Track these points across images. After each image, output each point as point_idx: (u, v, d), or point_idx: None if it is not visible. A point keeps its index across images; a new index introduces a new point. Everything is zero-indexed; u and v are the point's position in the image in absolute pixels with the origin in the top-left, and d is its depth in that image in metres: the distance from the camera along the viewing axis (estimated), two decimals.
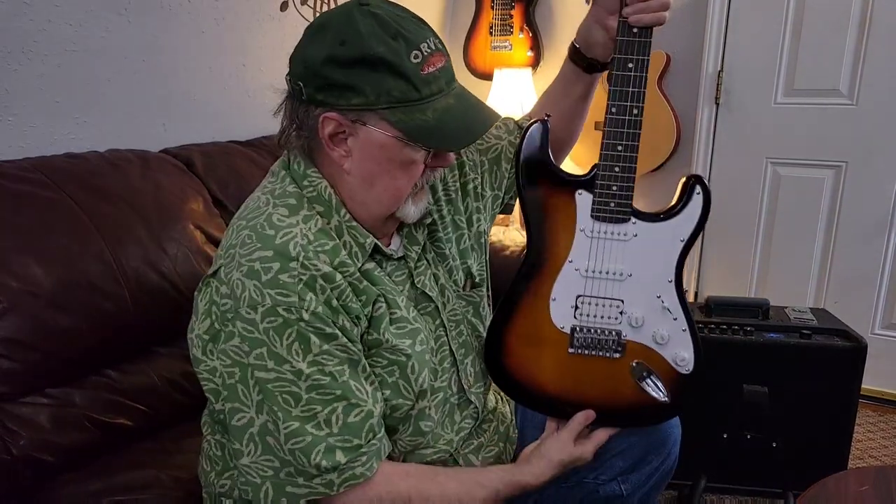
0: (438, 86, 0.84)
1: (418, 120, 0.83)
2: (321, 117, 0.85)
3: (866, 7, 2.22)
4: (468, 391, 1.03)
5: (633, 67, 0.92)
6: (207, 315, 0.87)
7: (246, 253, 0.84)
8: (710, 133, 2.52)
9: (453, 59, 0.89)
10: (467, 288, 1.07)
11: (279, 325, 0.81)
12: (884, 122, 2.25)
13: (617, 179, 0.95)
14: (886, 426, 2.23)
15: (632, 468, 1.07)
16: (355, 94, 0.82)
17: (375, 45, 0.80)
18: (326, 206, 0.89)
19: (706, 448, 1.64)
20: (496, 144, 1.12)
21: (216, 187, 1.61)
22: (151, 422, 1.32)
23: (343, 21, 0.82)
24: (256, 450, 0.85)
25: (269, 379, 0.82)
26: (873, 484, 1.09)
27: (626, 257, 0.97)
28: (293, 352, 0.81)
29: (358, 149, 0.86)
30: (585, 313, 0.99)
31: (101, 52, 1.61)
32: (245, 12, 1.97)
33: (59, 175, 1.32)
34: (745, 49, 2.41)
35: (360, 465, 0.85)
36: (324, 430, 0.83)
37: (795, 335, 1.62)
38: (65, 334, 1.19)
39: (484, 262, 1.11)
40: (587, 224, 0.97)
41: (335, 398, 0.83)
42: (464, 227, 1.07)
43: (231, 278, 0.84)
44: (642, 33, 0.92)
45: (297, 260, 0.82)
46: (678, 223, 0.96)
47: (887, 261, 2.32)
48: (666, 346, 0.98)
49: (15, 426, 1.13)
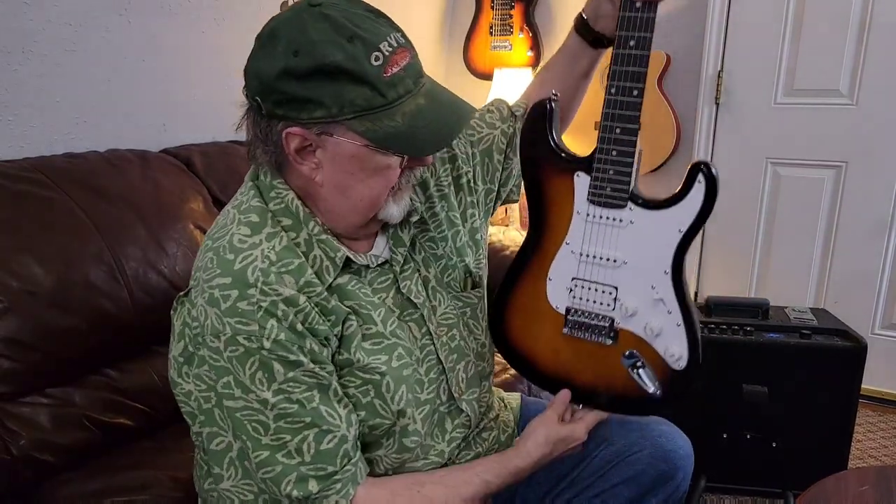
0: (405, 87, 0.78)
1: (387, 127, 0.78)
2: (284, 133, 0.80)
3: (866, 7, 2.22)
4: (458, 399, 0.97)
5: (635, 45, 0.87)
6: (182, 337, 0.85)
7: (208, 279, 0.80)
8: (710, 133, 2.52)
9: (453, 60, 0.88)
10: (467, 289, 1.02)
11: (241, 355, 0.78)
12: (884, 122, 2.25)
13: (614, 164, 0.90)
14: (886, 426, 2.23)
15: (637, 499, 1.03)
16: (317, 107, 0.77)
17: (331, 52, 0.74)
18: (294, 220, 0.85)
19: (706, 448, 1.63)
20: (488, 135, 1.06)
21: (216, 187, 1.61)
22: (151, 421, 1.32)
23: (294, 28, 0.77)
24: (237, 473, 0.85)
25: (237, 408, 0.80)
26: (873, 484, 1.09)
27: (620, 244, 0.93)
28: (257, 381, 0.78)
29: (328, 160, 0.82)
30: (579, 296, 0.97)
31: (101, 52, 1.61)
32: (245, 12, 1.97)
33: (59, 175, 1.32)
34: (745, 49, 2.41)
35: (334, 493, 0.82)
36: (295, 459, 0.80)
37: (795, 335, 1.62)
38: (65, 334, 1.20)
39: (482, 259, 1.06)
40: (584, 207, 0.94)
41: (305, 426, 0.80)
42: (459, 224, 1.02)
43: (197, 303, 0.81)
44: (646, 8, 0.87)
45: (255, 286, 0.78)
46: (677, 212, 0.89)
47: (887, 261, 2.32)
48: (658, 338, 0.94)
49: (15, 426, 1.14)
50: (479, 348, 1.03)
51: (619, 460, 1.04)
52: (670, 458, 1.03)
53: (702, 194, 0.87)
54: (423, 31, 2.87)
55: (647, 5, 0.86)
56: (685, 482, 1.05)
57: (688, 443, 1.07)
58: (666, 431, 1.06)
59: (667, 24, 2.52)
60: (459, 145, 1.03)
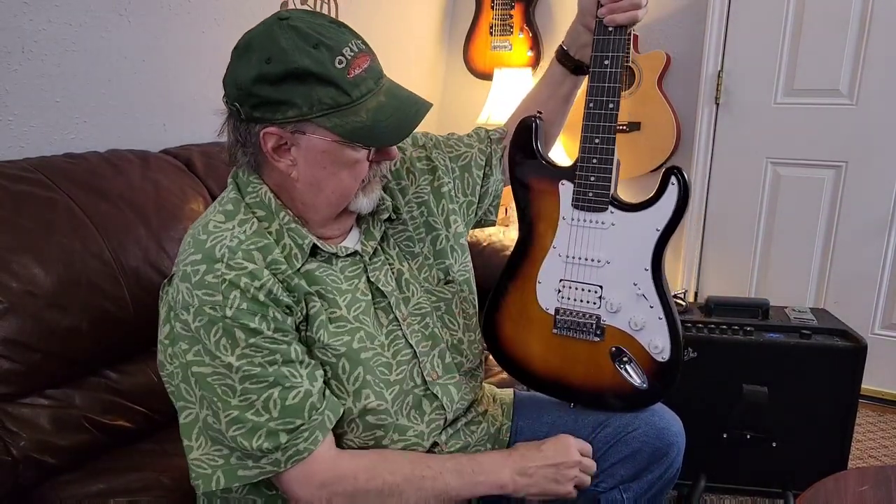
0: (367, 86, 0.88)
1: (353, 122, 0.87)
2: (262, 133, 0.89)
3: (866, 7, 2.22)
4: (431, 383, 1.03)
5: (609, 64, 0.98)
6: (167, 321, 0.91)
7: (183, 259, 0.89)
8: (710, 133, 2.52)
9: (453, 60, 0.91)
10: (440, 284, 1.09)
11: (206, 323, 0.85)
12: (884, 122, 2.25)
13: (594, 171, 1.00)
14: (886, 426, 2.24)
15: (634, 476, 1.07)
16: (289, 107, 0.86)
17: (299, 58, 0.84)
18: (267, 211, 0.93)
19: (706, 448, 1.64)
20: (466, 152, 1.16)
21: (216, 187, 1.60)
22: (151, 423, 1.33)
23: (266, 39, 0.86)
24: (206, 443, 0.90)
25: (206, 373, 0.87)
26: (873, 484, 1.09)
27: (603, 245, 1.02)
28: (221, 347, 0.85)
29: (302, 157, 0.91)
30: (567, 297, 1.05)
31: (101, 52, 1.61)
32: (245, 12, 1.97)
33: (59, 175, 1.32)
34: (745, 49, 2.41)
35: (302, 441, 0.88)
36: (263, 416, 0.87)
37: (795, 335, 1.62)
38: (65, 334, 1.19)
39: (467, 262, 1.14)
40: (568, 212, 1.04)
41: (268, 384, 0.87)
42: (440, 228, 1.10)
43: (173, 283, 0.90)
44: (617, 31, 0.98)
45: (221, 261, 0.86)
46: (653, 213, 0.99)
47: (887, 261, 2.32)
48: (641, 332, 1.01)
49: (15, 427, 1.14)
50: (454, 341, 1.09)
51: (615, 440, 1.08)
52: (663, 436, 1.07)
53: (675, 196, 0.97)
54: (423, 31, 2.87)
55: (617, 29, 0.98)
56: (678, 458, 1.10)
57: (678, 421, 1.11)
58: (657, 410, 1.11)
59: (667, 24, 2.52)
60: (441, 159, 1.13)
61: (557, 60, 1.14)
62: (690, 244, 2.62)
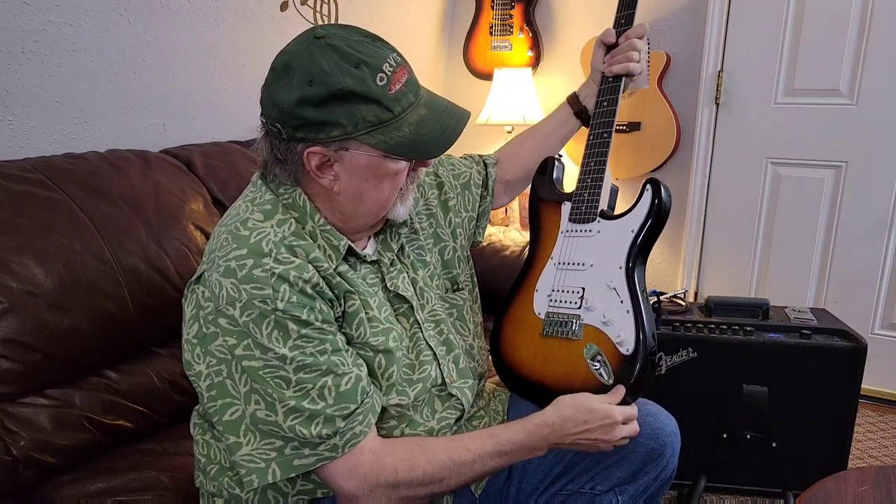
0: (408, 100, 0.90)
1: (396, 137, 0.88)
2: (305, 153, 0.90)
3: (866, 7, 2.22)
4: (449, 385, 1.05)
5: (606, 104, 1.19)
6: (195, 319, 0.91)
7: (223, 255, 0.89)
8: (710, 133, 2.52)
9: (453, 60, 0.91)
10: (449, 292, 1.14)
11: (257, 317, 0.86)
12: (884, 122, 2.25)
13: (588, 188, 1.15)
14: (886, 426, 2.24)
15: (629, 478, 1.08)
16: (333, 128, 0.87)
17: (342, 79, 0.85)
18: (301, 213, 0.95)
19: (706, 448, 1.64)
20: (466, 172, 1.23)
21: (216, 187, 1.61)
22: (151, 423, 1.33)
23: (305, 60, 0.86)
24: (256, 437, 0.90)
25: (258, 367, 0.87)
26: (873, 484, 1.09)
27: (589, 250, 1.12)
28: (273, 339, 0.86)
29: (345, 172, 0.92)
30: (556, 300, 1.12)
31: (101, 52, 1.61)
32: (245, 12, 1.97)
33: (59, 175, 1.32)
34: (745, 49, 2.41)
35: (357, 424, 0.90)
36: (320, 404, 0.88)
37: (795, 335, 1.62)
38: (65, 334, 1.20)
39: (471, 272, 1.20)
40: (566, 226, 1.16)
41: (322, 373, 0.88)
42: (448, 240, 1.15)
43: (211, 280, 0.89)
44: (615, 80, 1.19)
45: (269, 256, 0.87)
46: (630, 218, 1.10)
47: (887, 261, 2.32)
48: (610, 326, 1.05)
49: (15, 427, 1.14)
50: (467, 347, 1.12)
51: None
52: (658, 436, 1.08)
53: (648, 201, 1.09)
54: (423, 31, 2.87)
55: (615, 78, 1.19)
56: (674, 459, 1.10)
57: (673, 421, 1.12)
58: (652, 411, 1.11)
59: (667, 24, 2.52)
60: (446, 175, 1.20)
61: (567, 101, 1.29)
62: (690, 244, 2.62)
